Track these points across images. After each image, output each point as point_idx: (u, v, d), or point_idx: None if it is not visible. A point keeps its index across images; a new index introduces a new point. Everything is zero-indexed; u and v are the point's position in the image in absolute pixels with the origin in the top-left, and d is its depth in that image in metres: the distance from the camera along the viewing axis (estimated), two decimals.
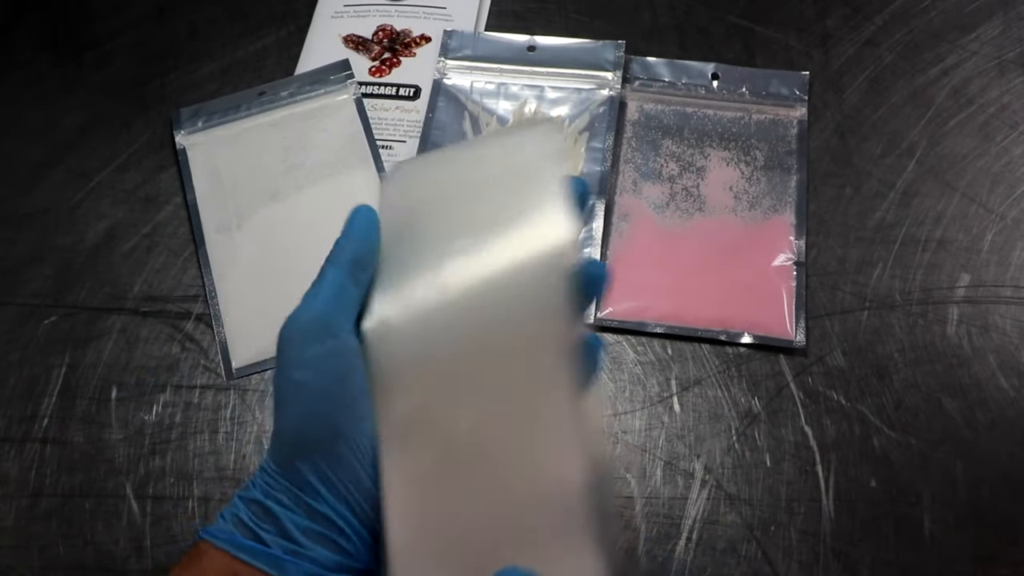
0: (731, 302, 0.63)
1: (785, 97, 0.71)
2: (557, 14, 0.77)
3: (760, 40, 0.75)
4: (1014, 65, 0.72)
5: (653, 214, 0.67)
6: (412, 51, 0.76)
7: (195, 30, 0.79)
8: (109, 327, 0.66)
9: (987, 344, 0.62)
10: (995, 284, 0.64)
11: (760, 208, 0.67)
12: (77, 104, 0.75)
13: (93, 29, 0.79)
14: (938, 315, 0.63)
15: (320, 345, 0.41)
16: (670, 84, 0.72)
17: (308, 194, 0.68)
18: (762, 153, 0.69)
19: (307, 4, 0.79)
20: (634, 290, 0.64)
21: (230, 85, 0.75)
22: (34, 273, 0.68)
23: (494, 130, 0.71)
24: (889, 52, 0.74)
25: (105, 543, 0.58)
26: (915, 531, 0.56)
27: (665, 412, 0.61)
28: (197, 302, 0.66)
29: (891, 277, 0.64)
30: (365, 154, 0.70)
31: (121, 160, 0.73)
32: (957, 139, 0.69)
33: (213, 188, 0.69)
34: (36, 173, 0.72)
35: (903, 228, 0.66)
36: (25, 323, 0.66)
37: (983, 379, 0.60)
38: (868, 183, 0.68)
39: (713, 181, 0.68)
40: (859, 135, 0.70)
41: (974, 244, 0.65)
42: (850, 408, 0.60)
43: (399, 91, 0.74)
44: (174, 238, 0.69)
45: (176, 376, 0.64)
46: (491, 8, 0.78)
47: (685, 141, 0.70)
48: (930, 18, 0.75)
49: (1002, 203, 0.67)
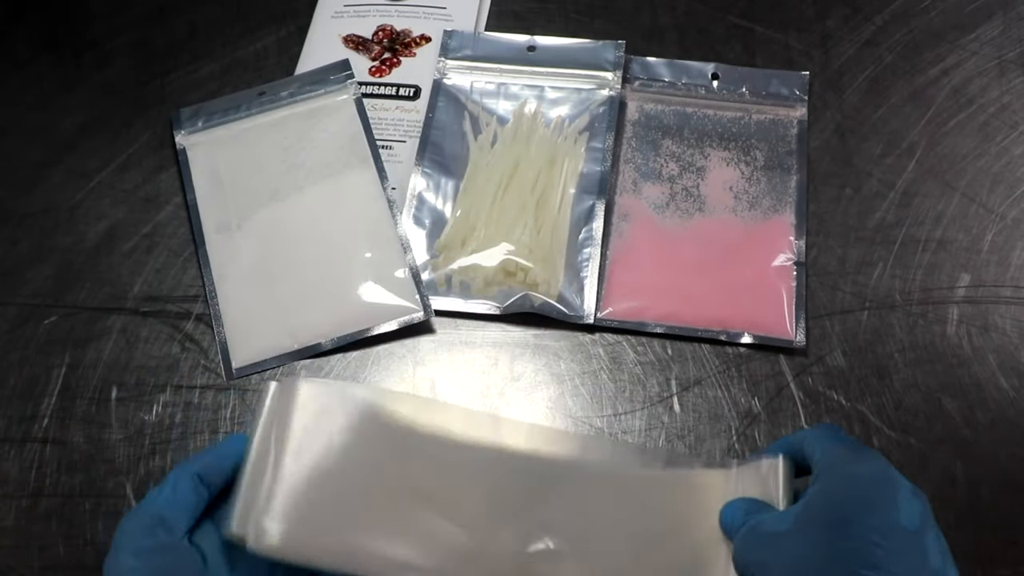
0: (731, 302, 0.63)
1: (785, 97, 0.71)
2: (557, 14, 0.77)
3: (760, 40, 0.75)
4: (1014, 65, 0.72)
5: (653, 214, 0.67)
6: (412, 51, 0.76)
7: (195, 30, 0.79)
8: (109, 327, 0.66)
9: (987, 344, 0.62)
10: (995, 284, 0.64)
11: (760, 208, 0.67)
12: (77, 104, 0.75)
13: (93, 29, 0.80)
14: (938, 315, 0.63)
15: (152, 539, 0.45)
16: (670, 84, 0.72)
17: (308, 194, 0.68)
18: (762, 153, 0.69)
19: (307, 4, 0.79)
20: (634, 290, 0.64)
21: (230, 85, 0.75)
22: (34, 273, 0.68)
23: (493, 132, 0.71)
24: (889, 52, 0.74)
25: (105, 543, 0.58)
26: None
27: (665, 412, 0.61)
28: (197, 302, 0.66)
29: (891, 277, 0.64)
30: (365, 154, 0.70)
31: (121, 160, 0.73)
32: (957, 139, 0.69)
33: (213, 188, 0.69)
34: (36, 173, 0.72)
35: (903, 228, 0.66)
36: (25, 323, 0.66)
37: (983, 379, 0.60)
38: (868, 183, 0.68)
39: (713, 181, 0.68)
40: (859, 135, 0.70)
41: (974, 244, 0.65)
42: (850, 408, 0.60)
43: (399, 91, 0.74)
44: (174, 238, 0.69)
45: (176, 376, 0.64)
46: (491, 8, 0.78)
47: (685, 141, 0.70)
48: (930, 18, 0.75)
49: (1002, 203, 0.67)
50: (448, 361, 0.63)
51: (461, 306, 0.65)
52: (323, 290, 0.65)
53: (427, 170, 0.69)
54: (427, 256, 0.66)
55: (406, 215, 0.68)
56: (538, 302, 0.63)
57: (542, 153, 0.69)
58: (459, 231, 0.67)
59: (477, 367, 0.63)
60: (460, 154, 0.70)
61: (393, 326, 0.63)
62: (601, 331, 0.64)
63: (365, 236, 0.66)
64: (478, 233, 0.66)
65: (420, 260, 0.66)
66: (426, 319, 0.64)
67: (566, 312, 0.63)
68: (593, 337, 0.64)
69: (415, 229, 0.67)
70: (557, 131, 0.70)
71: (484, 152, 0.70)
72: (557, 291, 0.64)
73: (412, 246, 0.66)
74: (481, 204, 0.67)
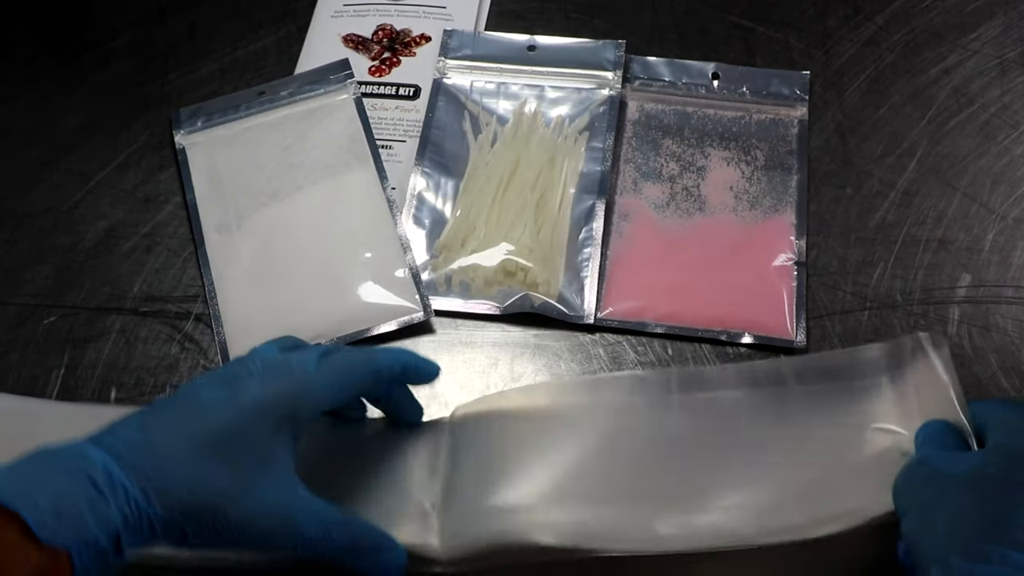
0: (731, 302, 0.63)
1: (786, 97, 0.71)
2: (557, 14, 0.77)
3: (760, 40, 0.75)
4: (1015, 64, 0.72)
5: (653, 214, 0.67)
6: (412, 51, 0.76)
7: (195, 30, 0.79)
8: (108, 327, 0.65)
9: (988, 344, 0.61)
10: (996, 284, 0.64)
11: (760, 208, 0.67)
12: (77, 104, 0.75)
13: (93, 29, 0.79)
14: (939, 315, 0.63)
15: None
16: (670, 84, 0.72)
17: (308, 194, 0.68)
18: (762, 153, 0.69)
19: (307, 4, 0.79)
20: (634, 290, 0.64)
21: (230, 85, 0.75)
22: (33, 273, 0.68)
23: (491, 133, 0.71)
24: (890, 52, 0.73)
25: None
26: None
27: None
28: (197, 302, 0.66)
29: (892, 277, 0.64)
30: (365, 154, 0.69)
31: (121, 160, 0.73)
32: (958, 139, 0.69)
33: (213, 188, 0.69)
34: (36, 173, 0.72)
35: (904, 228, 0.66)
36: (25, 323, 0.66)
37: (984, 379, 0.60)
38: (869, 183, 0.68)
39: (713, 181, 0.68)
40: (860, 135, 0.70)
41: (975, 244, 0.65)
42: None
43: (399, 91, 0.74)
44: (174, 238, 0.69)
45: (176, 376, 0.63)
46: (491, 8, 0.78)
47: (685, 141, 0.70)
48: (931, 18, 0.75)
49: (1003, 203, 0.67)
50: (448, 361, 0.63)
51: (461, 306, 0.64)
52: (323, 290, 0.65)
53: (427, 170, 0.69)
54: (427, 256, 0.66)
55: (406, 215, 0.67)
56: (538, 302, 0.63)
57: (542, 153, 0.69)
58: (459, 231, 0.66)
59: (477, 367, 0.63)
60: (460, 154, 0.70)
61: (393, 326, 0.63)
62: (601, 331, 0.64)
63: (365, 236, 0.66)
64: (478, 233, 0.66)
65: (420, 260, 0.66)
66: (426, 319, 0.63)
67: (566, 312, 0.63)
68: (593, 337, 0.63)
69: (415, 229, 0.67)
70: (557, 131, 0.70)
71: (484, 152, 0.70)
72: (557, 291, 0.64)
73: (412, 246, 0.66)
74: (481, 204, 0.67)
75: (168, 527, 0.42)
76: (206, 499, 0.42)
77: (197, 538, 0.42)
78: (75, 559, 0.38)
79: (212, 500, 0.42)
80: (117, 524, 0.40)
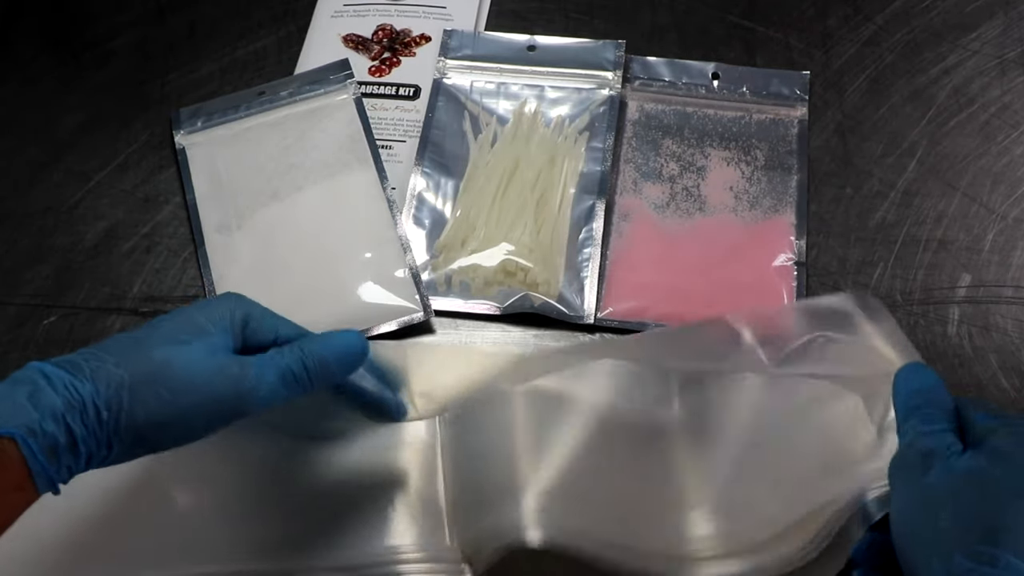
0: (732, 302, 0.63)
1: (786, 97, 0.71)
2: (557, 14, 0.77)
3: (760, 40, 0.75)
4: (1015, 64, 0.72)
5: (653, 214, 0.67)
6: (412, 51, 0.76)
7: (195, 30, 0.79)
8: (109, 327, 0.65)
9: (988, 344, 0.61)
10: (996, 284, 0.64)
11: (760, 208, 0.67)
12: (77, 104, 0.75)
13: (93, 29, 0.79)
14: (939, 315, 0.63)
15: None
16: (670, 84, 0.72)
17: (308, 194, 0.68)
18: (762, 153, 0.69)
19: (307, 4, 0.79)
20: (634, 290, 0.64)
21: (230, 85, 0.75)
22: (33, 273, 0.68)
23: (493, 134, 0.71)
24: (890, 52, 0.73)
25: None
26: None
27: None
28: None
29: (892, 277, 0.64)
30: (365, 154, 0.69)
31: (120, 160, 0.73)
32: (958, 139, 0.69)
33: (213, 188, 0.69)
34: (36, 173, 0.72)
35: (904, 228, 0.66)
36: (25, 323, 0.66)
37: (984, 379, 0.60)
38: (869, 183, 0.68)
39: (713, 181, 0.68)
40: (860, 135, 0.70)
41: (975, 244, 0.65)
42: None
43: (399, 91, 0.74)
44: (174, 238, 0.69)
45: None
46: (491, 8, 0.78)
47: (685, 141, 0.70)
48: (931, 18, 0.75)
49: (1003, 203, 0.67)
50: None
51: (461, 306, 0.64)
52: (323, 290, 0.64)
53: (427, 170, 0.69)
54: (427, 256, 0.66)
55: (406, 215, 0.67)
56: (538, 302, 0.63)
57: (542, 153, 0.69)
58: (459, 231, 0.66)
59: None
60: (460, 154, 0.70)
61: (393, 326, 0.63)
62: (601, 331, 0.64)
63: (365, 236, 0.66)
64: (478, 233, 0.66)
65: (420, 260, 0.66)
66: (426, 319, 0.63)
67: (566, 312, 0.63)
68: (593, 337, 0.63)
69: (415, 229, 0.67)
70: (557, 131, 0.70)
71: (484, 152, 0.70)
72: (557, 291, 0.64)
73: (412, 246, 0.66)
74: (481, 204, 0.67)
75: (111, 405, 0.43)
76: (143, 369, 0.43)
77: (143, 415, 0.43)
78: (22, 446, 0.40)
79: (150, 369, 0.44)
80: (59, 408, 0.42)
